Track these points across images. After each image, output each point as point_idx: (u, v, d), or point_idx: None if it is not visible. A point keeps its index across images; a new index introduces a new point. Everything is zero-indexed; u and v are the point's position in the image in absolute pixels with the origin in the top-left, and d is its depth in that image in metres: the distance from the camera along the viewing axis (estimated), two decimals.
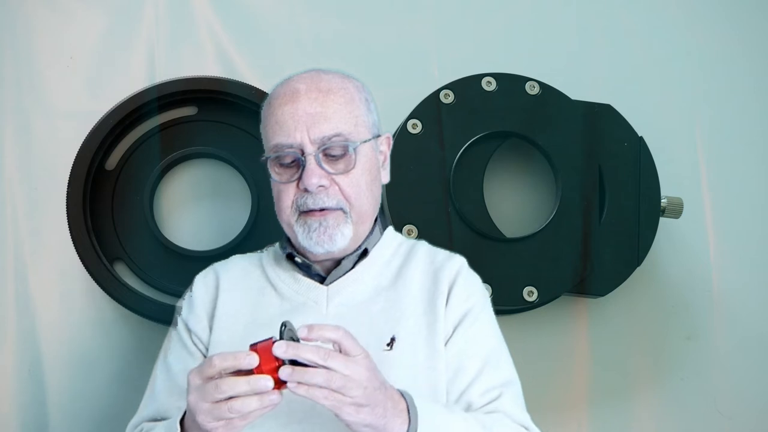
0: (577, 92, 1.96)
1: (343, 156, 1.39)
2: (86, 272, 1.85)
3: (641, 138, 1.95)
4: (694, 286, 2.07)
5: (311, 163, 1.36)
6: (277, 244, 1.53)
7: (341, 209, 1.39)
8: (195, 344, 1.45)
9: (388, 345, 1.37)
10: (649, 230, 1.92)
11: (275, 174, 1.40)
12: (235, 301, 1.46)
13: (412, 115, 1.90)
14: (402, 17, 2.07)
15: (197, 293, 1.49)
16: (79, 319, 1.94)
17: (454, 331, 1.42)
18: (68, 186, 1.85)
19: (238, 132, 1.95)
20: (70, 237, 1.84)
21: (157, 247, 1.91)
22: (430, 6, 2.08)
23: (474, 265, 1.50)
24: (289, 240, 1.49)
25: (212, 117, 1.96)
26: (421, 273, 1.46)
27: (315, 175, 1.36)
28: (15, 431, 1.91)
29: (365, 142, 1.42)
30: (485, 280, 1.81)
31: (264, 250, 1.55)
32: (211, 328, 1.44)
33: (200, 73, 1.95)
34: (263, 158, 1.43)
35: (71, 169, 1.85)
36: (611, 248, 1.90)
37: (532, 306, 1.88)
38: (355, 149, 1.39)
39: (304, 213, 1.39)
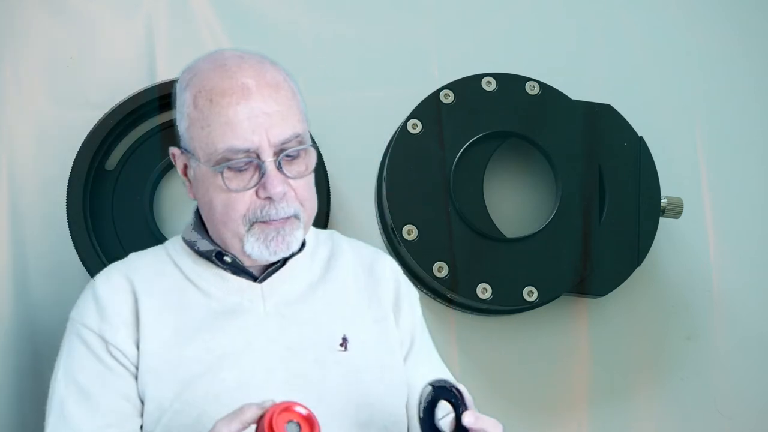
0: (577, 92, 1.96)
1: (297, 158, 1.27)
2: (86, 272, 1.85)
3: (641, 138, 1.95)
4: (694, 286, 2.07)
5: (273, 169, 1.23)
6: (180, 239, 1.41)
7: (295, 215, 1.27)
8: (114, 357, 1.29)
9: (341, 345, 1.33)
10: (649, 230, 1.92)
11: (225, 181, 1.24)
12: (156, 304, 1.31)
13: (412, 115, 1.90)
14: (402, 17, 2.07)
15: (106, 300, 1.31)
16: None
17: (411, 344, 1.43)
18: (68, 186, 1.85)
19: None
20: (70, 237, 1.84)
21: None
22: (430, 6, 2.08)
23: (474, 265, 1.50)
24: (210, 237, 1.35)
25: None
26: (352, 266, 1.41)
27: (280, 182, 1.24)
28: (15, 431, 1.91)
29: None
30: (485, 280, 1.82)
31: (164, 245, 1.43)
32: (135, 339, 1.29)
33: None
34: (195, 163, 1.28)
35: (71, 169, 1.86)
36: (611, 248, 1.90)
37: (532, 306, 1.88)
38: (308, 150, 1.29)
39: (261, 223, 1.26)
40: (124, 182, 1.93)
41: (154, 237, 1.90)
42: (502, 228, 1.95)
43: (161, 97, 1.89)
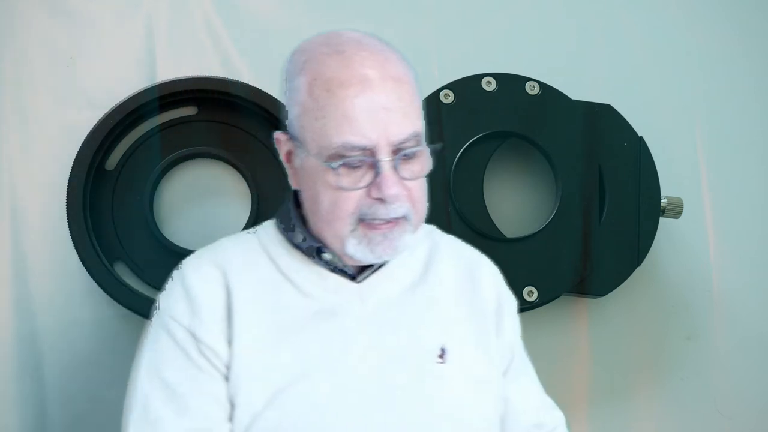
0: (577, 92, 1.96)
1: (414, 158, 1.17)
2: (86, 272, 1.85)
3: (641, 138, 1.95)
4: (694, 286, 2.07)
5: (389, 169, 1.14)
6: (273, 227, 1.31)
7: (405, 217, 1.18)
8: (205, 356, 1.19)
9: (440, 357, 1.25)
10: (649, 230, 1.92)
11: (337, 178, 1.15)
12: (250, 300, 1.22)
13: None
14: (402, 17, 2.07)
15: (197, 293, 1.22)
16: (79, 319, 1.94)
17: (512, 358, 1.36)
18: (68, 186, 1.85)
19: (238, 132, 1.95)
20: (70, 237, 1.84)
21: (157, 247, 1.91)
22: (430, 6, 2.08)
23: None
24: (307, 229, 1.25)
25: (212, 117, 1.95)
26: (451, 267, 1.32)
27: (395, 183, 1.14)
28: (15, 430, 1.91)
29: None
30: None
31: (255, 232, 1.32)
32: (228, 337, 1.20)
33: (200, 72, 1.95)
34: (303, 153, 1.17)
35: (71, 169, 1.85)
36: (611, 248, 1.90)
37: (532, 306, 1.87)
38: (424, 150, 1.18)
39: (366, 224, 1.17)
40: (124, 182, 1.93)
41: (154, 237, 1.90)
42: (502, 228, 1.95)
43: (161, 97, 1.89)
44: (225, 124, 1.96)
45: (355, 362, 1.21)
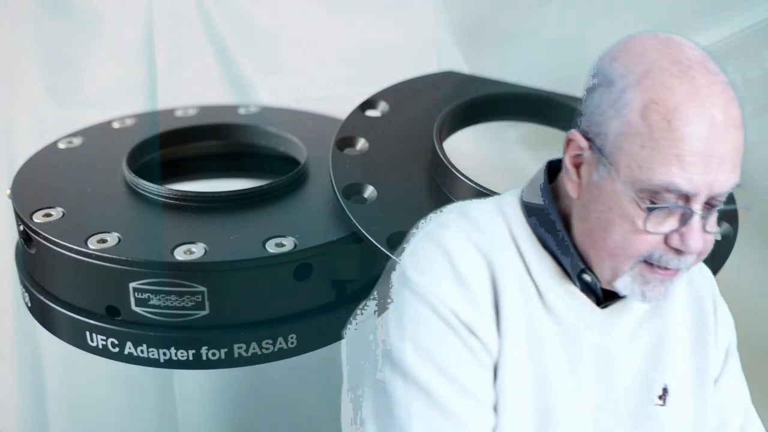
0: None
1: (716, 211, 1.05)
2: None
3: None
4: None
5: (698, 221, 1.02)
6: (522, 216, 1.13)
7: (687, 267, 1.06)
8: (485, 354, 1.07)
9: (660, 398, 1.14)
10: None
11: (642, 217, 1.01)
12: (510, 304, 1.08)
13: None
14: (402, 17, 2.07)
15: (474, 284, 1.07)
16: None
17: (720, 373, 1.25)
18: None
19: None
20: None
21: None
22: (430, 6, 2.08)
23: None
24: (571, 237, 1.10)
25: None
26: (683, 297, 1.19)
27: (700, 237, 1.02)
28: (15, 430, 1.92)
29: None
30: None
31: (506, 218, 1.13)
32: (499, 345, 1.08)
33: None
34: (606, 172, 1.03)
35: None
36: None
37: None
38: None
39: (646, 264, 1.04)
40: None
41: None
42: None
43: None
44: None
45: (583, 396, 1.12)
